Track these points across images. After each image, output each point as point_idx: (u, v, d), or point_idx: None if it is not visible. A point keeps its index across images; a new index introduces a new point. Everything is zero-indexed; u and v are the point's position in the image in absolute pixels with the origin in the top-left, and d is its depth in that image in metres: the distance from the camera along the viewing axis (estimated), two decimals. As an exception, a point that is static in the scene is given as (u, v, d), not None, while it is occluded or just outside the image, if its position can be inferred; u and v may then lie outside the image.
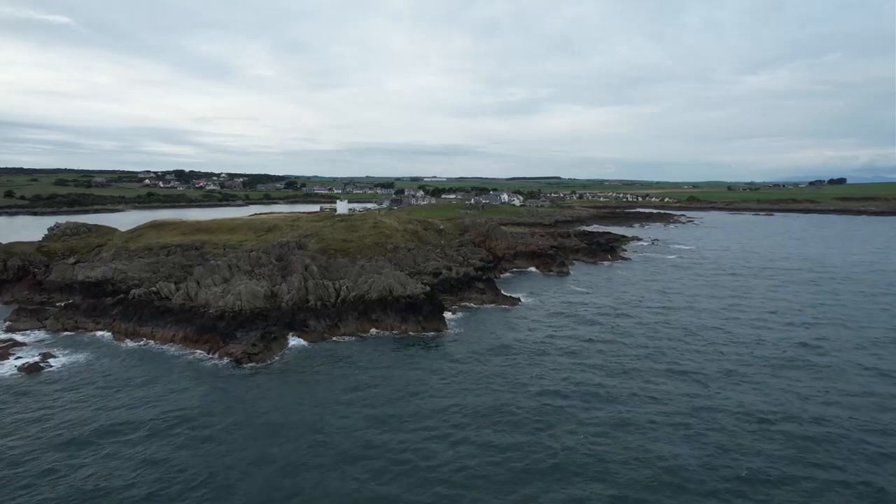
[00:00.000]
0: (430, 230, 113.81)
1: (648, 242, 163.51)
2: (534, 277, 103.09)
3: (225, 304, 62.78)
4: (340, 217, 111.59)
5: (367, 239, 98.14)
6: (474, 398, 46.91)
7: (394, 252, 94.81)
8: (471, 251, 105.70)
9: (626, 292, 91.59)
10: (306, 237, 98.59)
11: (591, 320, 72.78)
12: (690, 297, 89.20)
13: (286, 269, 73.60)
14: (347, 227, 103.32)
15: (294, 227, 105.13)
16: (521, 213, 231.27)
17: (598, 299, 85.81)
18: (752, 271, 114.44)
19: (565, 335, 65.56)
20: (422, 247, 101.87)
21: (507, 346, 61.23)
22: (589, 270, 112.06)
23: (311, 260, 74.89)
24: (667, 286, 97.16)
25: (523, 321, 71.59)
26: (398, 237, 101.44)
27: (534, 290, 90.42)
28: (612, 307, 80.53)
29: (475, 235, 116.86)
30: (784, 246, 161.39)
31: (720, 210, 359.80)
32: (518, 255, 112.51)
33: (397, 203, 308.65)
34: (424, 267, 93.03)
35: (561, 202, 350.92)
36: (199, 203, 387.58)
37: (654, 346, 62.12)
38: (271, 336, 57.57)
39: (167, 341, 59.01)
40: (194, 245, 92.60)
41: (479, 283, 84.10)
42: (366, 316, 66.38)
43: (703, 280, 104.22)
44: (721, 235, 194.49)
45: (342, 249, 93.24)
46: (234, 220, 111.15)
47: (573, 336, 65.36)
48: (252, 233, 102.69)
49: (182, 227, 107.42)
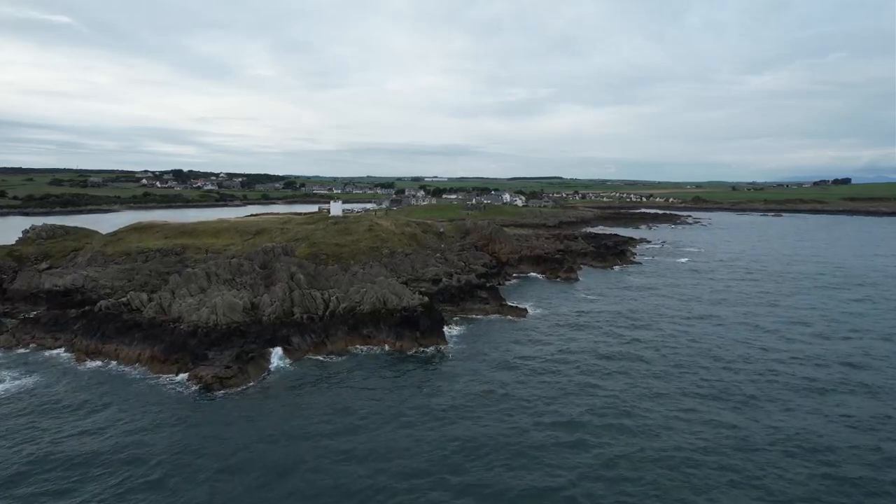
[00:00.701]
0: (429, 233, 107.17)
1: (658, 245, 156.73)
2: (540, 284, 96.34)
3: (199, 318, 56.13)
4: (334, 219, 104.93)
5: (361, 243, 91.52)
6: (478, 430, 40.26)
7: (390, 257, 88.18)
8: (473, 256, 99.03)
9: (641, 300, 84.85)
10: (296, 241, 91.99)
11: (606, 333, 66.07)
12: (710, 304, 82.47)
13: (270, 277, 66.99)
14: (341, 231, 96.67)
15: (284, 230, 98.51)
16: (524, 214, 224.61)
17: (611, 308, 79.11)
18: (771, 276, 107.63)
19: (579, 351, 58.86)
20: (420, 251, 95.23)
21: (514, 365, 54.55)
22: (598, 276, 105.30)
23: (297, 268, 68.23)
24: (683, 293, 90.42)
25: (532, 335, 64.89)
26: (395, 241, 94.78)
27: (541, 299, 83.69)
28: (627, 318, 73.85)
29: (477, 239, 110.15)
30: (799, 248, 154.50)
31: (726, 210, 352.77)
32: (523, 259, 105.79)
33: (397, 203, 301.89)
34: (423, 273, 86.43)
35: (564, 203, 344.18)
36: (195, 203, 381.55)
37: (680, 364, 55.41)
38: (248, 356, 50.89)
39: (132, 361, 52.31)
40: (175, 250, 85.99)
41: (482, 292, 77.41)
42: (356, 331, 59.69)
43: (720, 286, 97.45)
44: (731, 237, 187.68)
45: (334, 254, 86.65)
46: (220, 223, 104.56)
47: (588, 352, 58.66)
48: (238, 236, 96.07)
49: (166, 229, 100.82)
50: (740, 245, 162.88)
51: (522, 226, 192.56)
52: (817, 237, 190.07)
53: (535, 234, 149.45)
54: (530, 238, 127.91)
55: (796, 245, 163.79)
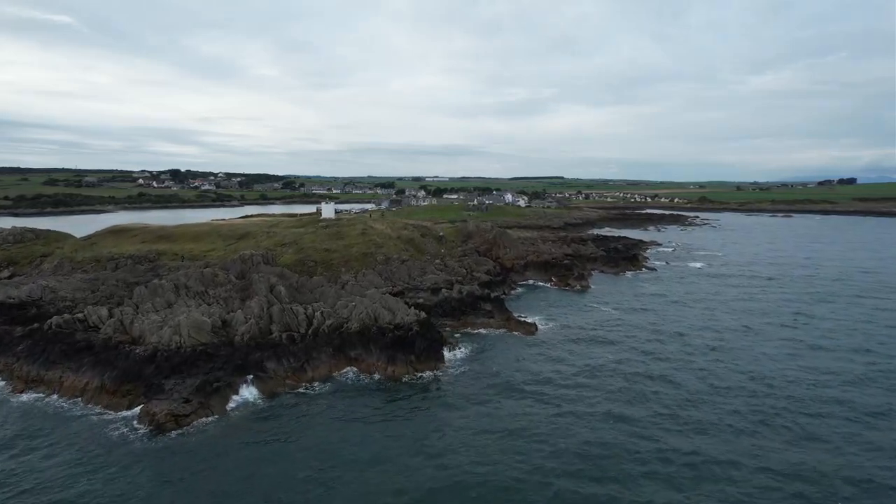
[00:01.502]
0: (428, 237, 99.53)
1: (669, 248, 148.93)
2: (549, 293, 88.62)
3: (159, 339, 48.56)
4: (325, 222, 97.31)
5: (353, 248, 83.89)
6: (485, 477, 32.76)
7: (385, 264, 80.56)
8: (475, 262, 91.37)
9: (661, 311, 77.17)
10: (283, 246, 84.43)
11: (627, 350, 58.41)
12: (736, 314, 74.72)
13: (248, 289, 59.41)
14: (332, 235, 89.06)
15: (271, 233, 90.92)
16: (528, 215, 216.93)
17: (629, 320, 71.48)
18: (796, 282, 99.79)
19: (599, 373, 51.21)
20: (418, 257, 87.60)
21: (525, 392, 46.96)
22: (611, 283, 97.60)
23: (278, 278, 60.64)
24: (705, 302, 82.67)
25: (543, 355, 57.24)
26: (390, 246, 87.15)
27: (551, 311, 76.00)
28: (649, 331, 66.24)
29: (480, 243, 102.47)
30: (818, 251, 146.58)
31: (733, 211, 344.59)
32: (529, 265, 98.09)
33: (397, 203, 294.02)
34: (421, 282, 78.83)
35: (567, 203, 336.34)
36: (192, 203, 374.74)
37: (717, 388, 47.85)
38: (213, 386, 43.32)
39: (77, 392, 44.72)
40: (148, 256, 78.43)
41: (486, 305, 69.77)
42: (343, 353, 52.06)
43: (742, 293, 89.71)
44: (744, 239, 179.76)
45: (324, 261, 79.07)
46: (202, 226, 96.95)
47: (609, 373, 51.02)
48: (221, 241, 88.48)
49: (144, 233, 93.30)
50: (755, 248, 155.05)
51: (526, 227, 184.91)
52: (833, 239, 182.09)
53: (540, 237, 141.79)
54: (536, 241, 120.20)
55: (814, 247, 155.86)
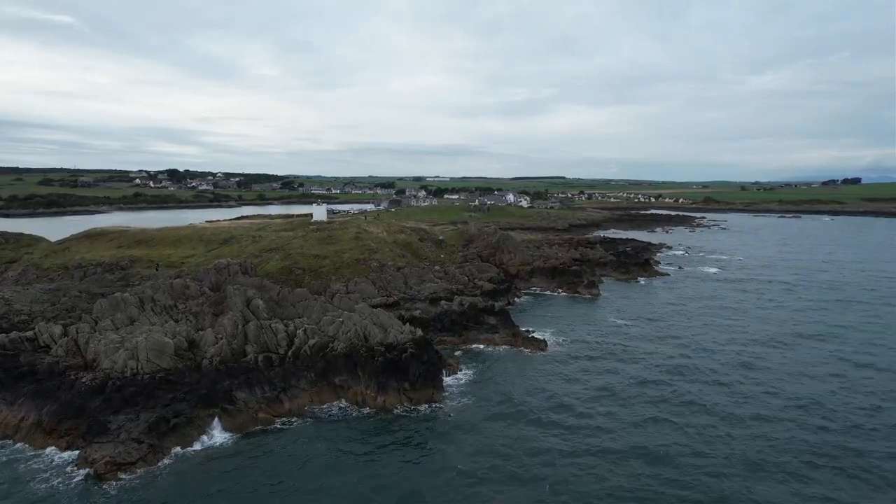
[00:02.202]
0: (426, 241, 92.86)
1: (680, 252, 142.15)
2: (557, 303, 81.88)
3: (113, 364, 41.94)
4: (316, 225, 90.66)
5: (345, 254, 77.25)
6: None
7: (379, 272, 73.93)
8: (477, 268, 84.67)
9: (682, 322, 70.49)
10: (269, 252, 77.86)
11: (650, 370, 51.68)
12: (765, 326, 67.98)
13: (222, 303, 52.78)
14: (323, 239, 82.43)
15: (256, 238, 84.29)
16: (531, 217, 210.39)
17: (648, 334, 64.84)
18: (822, 289, 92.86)
19: (622, 402, 44.53)
20: (416, 263, 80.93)
21: (536, 425, 40.37)
22: (623, 290, 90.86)
23: (256, 291, 53.97)
24: (728, 312, 75.89)
25: (555, 378, 50.56)
26: (385, 252, 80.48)
27: (561, 324, 69.28)
28: (672, 346, 59.59)
29: (482, 247, 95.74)
30: (837, 254, 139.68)
31: (740, 212, 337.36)
32: (535, 272, 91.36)
33: (396, 204, 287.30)
34: (418, 291, 72.23)
35: (571, 203, 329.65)
36: (188, 204, 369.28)
37: (761, 417, 41.41)
38: (169, 424, 36.72)
39: (8, 430, 38.04)
40: (121, 263, 71.82)
41: (489, 318, 63.09)
42: (326, 379, 45.37)
43: (767, 301, 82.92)
44: (756, 241, 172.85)
45: (312, 268, 72.47)
46: (183, 230, 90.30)
47: (634, 399, 44.39)
48: (202, 246, 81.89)
49: (121, 237, 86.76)
50: (769, 251, 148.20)
51: (530, 229, 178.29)
52: (849, 241, 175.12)
53: (545, 240, 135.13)
54: (542, 245, 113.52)
55: (831, 250, 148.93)
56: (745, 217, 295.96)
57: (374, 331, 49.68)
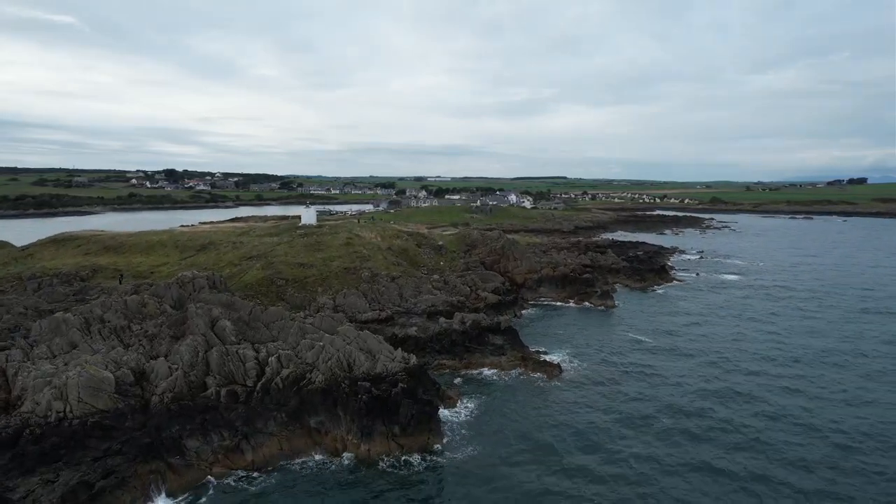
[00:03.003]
0: (424, 247, 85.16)
1: (694, 256, 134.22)
2: (569, 316, 74.06)
3: (35, 405, 34.32)
4: (304, 230, 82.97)
5: (334, 262, 69.65)
6: None
7: (371, 282, 66.31)
8: (480, 277, 76.95)
9: (711, 338, 62.76)
10: (250, 259, 70.29)
11: (686, 397, 44.01)
12: (806, 341, 60.15)
13: (183, 324, 45.13)
14: (310, 246, 74.84)
15: (237, 244, 76.70)
16: (535, 218, 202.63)
17: (675, 350, 57.30)
18: (860, 301, 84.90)
19: (660, 445, 36.85)
20: (412, 273, 73.24)
21: (555, 476, 32.69)
22: (639, 301, 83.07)
23: (224, 309, 46.28)
24: (760, 326, 68.09)
25: (575, 411, 42.89)
26: (379, 259, 72.85)
27: (575, 342, 61.54)
28: (705, 367, 51.93)
29: (485, 254, 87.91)
30: (862, 260, 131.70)
31: (748, 212, 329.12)
32: (544, 280, 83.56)
33: (396, 205, 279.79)
34: (415, 304, 64.64)
35: (575, 204, 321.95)
36: (184, 204, 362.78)
37: (831, 471, 33.49)
38: (93, 489, 29.09)
39: None
40: (81, 273, 64.24)
41: (495, 337, 55.41)
42: (299, 421, 37.68)
43: (799, 312, 75.03)
44: (772, 245, 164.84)
45: (296, 279, 64.89)
46: (159, 235, 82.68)
47: (678, 438, 36.71)
48: (177, 253, 74.32)
49: (90, 243, 79.32)
50: (788, 255, 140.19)
51: (534, 231, 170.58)
52: (870, 244, 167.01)
53: (551, 244, 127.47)
54: (549, 250, 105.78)
55: (854, 254, 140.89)
56: (755, 218, 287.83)
57: (360, 358, 42.03)
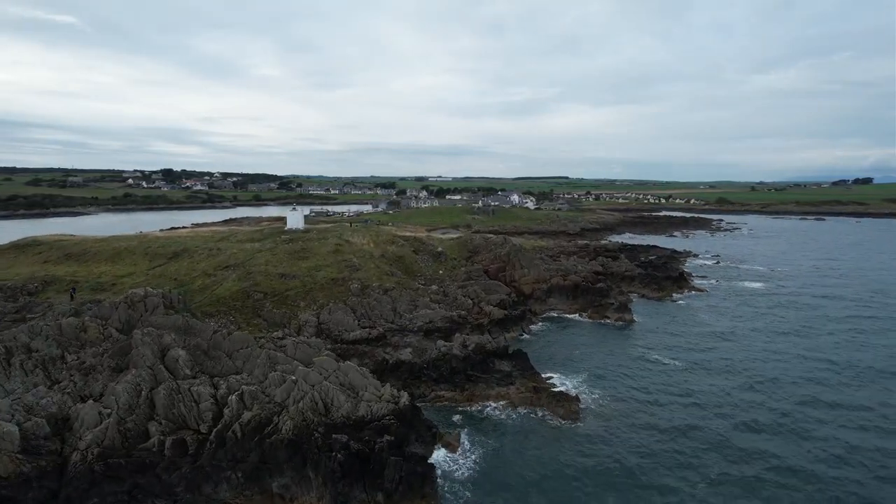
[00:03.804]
0: (422, 253, 77.56)
1: (710, 261, 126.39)
2: (583, 332, 66.37)
3: (-84, 471, 26.82)
4: (290, 235, 75.39)
5: (320, 272, 62.11)
6: None
7: (361, 296, 58.76)
8: (484, 288, 69.32)
9: (747, 361, 55.00)
10: (226, 269, 62.77)
11: (739, 436, 36.39)
12: (854, 356, 52.42)
13: (129, 353, 37.57)
14: (294, 253, 67.32)
15: (215, 251, 69.15)
16: (539, 219, 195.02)
17: (711, 376, 49.54)
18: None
19: (707, 496, 29.37)
20: (408, 284, 65.61)
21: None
22: (659, 314, 75.33)
23: (177, 335, 38.72)
24: (801, 343, 60.36)
25: (599, 456, 35.28)
26: (371, 268, 65.28)
27: (593, 366, 53.85)
28: (746, 393, 44.19)
29: (489, 261, 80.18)
30: (890, 263, 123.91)
31: (756, 213, 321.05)
32: (553, 290, 75.84)
33: (395, 205, 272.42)
34: (410, 320, 57.12)
35: (579, 205, 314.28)
36: (180, 205, 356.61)
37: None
38: None
39: None
40: (28, 286, 56.71)
41: (502, 363, 47.82)
42: (259, 483, 30.12)
43: (838, 325, 67.27)
44: (789, 248, 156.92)
45: (276, 292, 57.33)
46: (128, 241, 75.07)
47: (732, 491, 29.25)
48: (146, 261, 66.79)
49: (53, 249, 71.90)
50: (810, 259, 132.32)
51: (539, 234, 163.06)
52: (894, 246, 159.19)
53: (557, 247, 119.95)
54: (557, 256, 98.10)
55: (881, 258, 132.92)
56: (765, 219, 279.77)
57: (339, 398, 34.47)
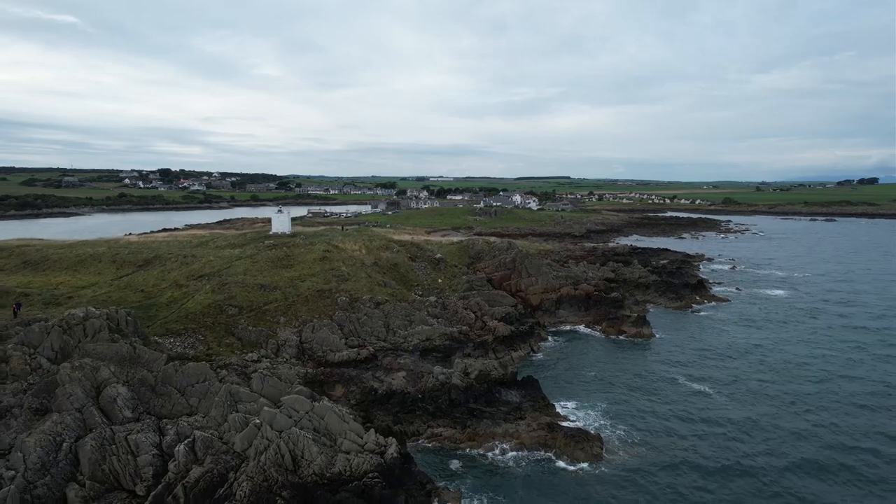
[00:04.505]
0: (419, 260, 70.70)
1: (726, 265, 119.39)
2: (598, 350, 59.52)
3: None
4: (274, 240, 68.59)
5: (304, 283, 55.36)
6: None
7: (349, 310, 52.01)
8: (487, 299, 62.50)
9: (788, 385, 48.13)
10: (200, 279, 56.05)
11: (790, 482, 29.81)
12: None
13: (54, 391, 30.86)
14: (277, 260, 60.60)
15: (189, 258, 62.38)
16: (543, 221, 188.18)
17: (744, 403, 42.75)
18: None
19: None
20: (403, 295, 58.76)
21: None
22: (680, 328, 68.44)
23: (119, 367, 31.98)
24: (844, 358, 53.56)
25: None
26: (361, 278, 58.50)
27: (613, 392, 46.99)
28: (794, 420, 37.37)
29: (493, 268, 73.28)
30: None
31: (764, 214, 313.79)
32: (564, 301, 68.98)
33: (394, 206, 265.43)
34: (405, 338, 50.38)
35: (583, 205, 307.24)
36: (176, 205, 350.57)
37: None
38: None
39: None
40: (-28, 301, 50.02)
41: (509, 392, 41.03)
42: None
43: (883, 337, 60.54)
44: (805, 251, 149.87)
45: (254, 306, 50.60)
46: (95, 247, 68.26)
47: None
48: (112, 270, 60.06)
49: (11, 256, 65.19)
50: (831, 263, 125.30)
51: (543, 236, 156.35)
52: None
53: (564, 251, 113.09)
54: (565, 260, 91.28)
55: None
56: (774, 220, 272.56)
57: (311, 449, 27.76)
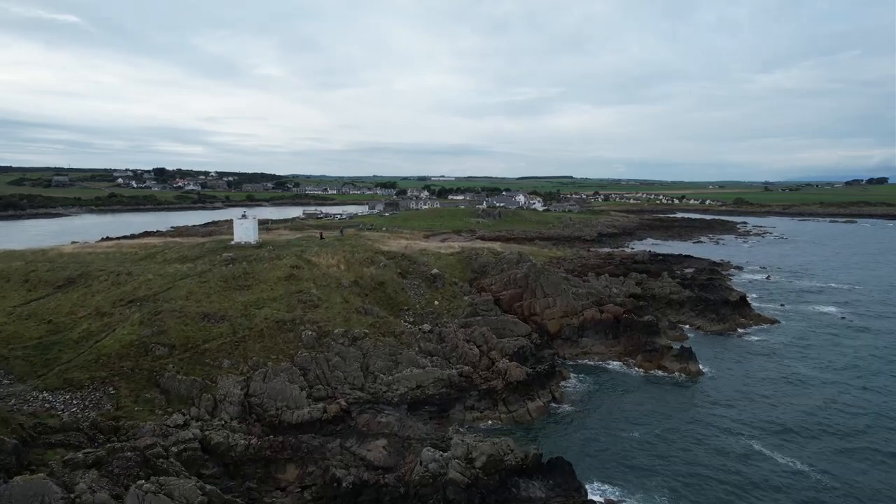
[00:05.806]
0: (412, 276, 58.22)
1: (759, 275, 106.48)
2: (635, 394, 46.85)
3: None
4: (233, 252, 56.03)
5: (262, 310, 43.05)
6: None
7: (316, 348, 39.67)
8: (495, 328, 50.08)
9: (888, 437, 35.95)
10: (130, 304, 43.82)
11: None
12: None
13: None
14: (232, 280, 48.23)
15: (126, 275, 50.05)
16: (550, 223, 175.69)
17: (851, 489, 30.58)
18: None
19: None
20: (387, 326, 46.25)
21: None
22: (728, 357, 55.89)
23: None
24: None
25: None
26: (336, 303, 46.10)
27: (666, 467, 34.59)
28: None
29: (501, 286, 60.62)
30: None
31: (779, 215, 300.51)
32: (587, 326, 56.37)
33: (393, 207, 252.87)
34: (388, 385, 38.21)
35: (590, 206, 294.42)
36: (168, 205, 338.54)
37: None
38: None
39: None
40: None
41: (529, 484, 28.71)
42: None
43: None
44: (835, 255, 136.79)
45: (191, 343, 38.34)
46: (10, 258, 55.93)
47: None
48: (22, 291, 47.72)
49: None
50: (872, 270, 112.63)
51: (551, 240, 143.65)
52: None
53: (577, 258, 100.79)
54: (585, 272, 78.67)
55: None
56: (791, 222, 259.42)
57: None
